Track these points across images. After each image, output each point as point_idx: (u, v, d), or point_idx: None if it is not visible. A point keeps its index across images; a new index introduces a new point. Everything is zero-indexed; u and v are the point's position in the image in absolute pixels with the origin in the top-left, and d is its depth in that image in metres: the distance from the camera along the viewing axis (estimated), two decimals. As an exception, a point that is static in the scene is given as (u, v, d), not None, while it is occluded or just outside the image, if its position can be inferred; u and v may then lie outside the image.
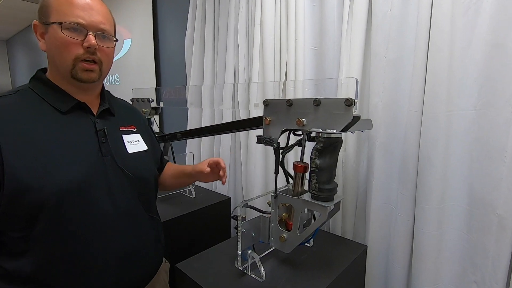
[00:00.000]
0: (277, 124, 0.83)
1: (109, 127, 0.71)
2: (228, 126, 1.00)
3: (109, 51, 0.71)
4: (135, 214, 0.74)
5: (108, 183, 0.67)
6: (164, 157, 1.40)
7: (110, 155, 0.69)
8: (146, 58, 2.34)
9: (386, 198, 1.02)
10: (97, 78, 0.69)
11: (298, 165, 0.83)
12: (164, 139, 1.35)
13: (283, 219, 0.91)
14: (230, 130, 1.02)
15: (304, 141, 0.83)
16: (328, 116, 0.72)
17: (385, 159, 1.00)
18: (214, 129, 1.09)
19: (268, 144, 0.84)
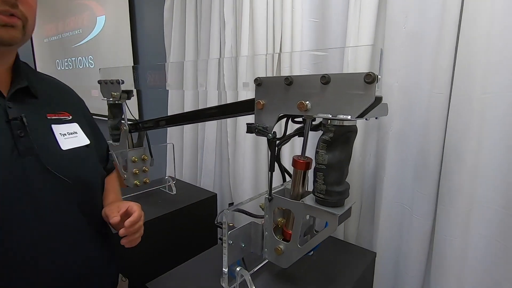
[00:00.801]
0: (273, 108, 0.65)
1: (29, 114, 0.51)
2: (210, 112, 0.82)
3: (34, 2, 0.50)
4: (76, 231, 0.55)
5: (31, 194, 0.48)
6: (138, 148, 1.21)
7: (32, 154, 0.49)
8: (122, 37, 2.09)
9: (399, 196, 0.86)
10: (20, 39, 0.49)
11: (299, 160, 0.65)
12: (137, 128, 1.15)
13: (279, 225, 0.74)
14: (212, 117, 0.84)
15: (307, 130, 0.66)
16: (340, 97, 0.55)
17: (399, 150, 0.84)
18: (192, 116, 0.90)
19: (260, 134, 0.66)
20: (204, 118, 0.89)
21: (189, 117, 0.92)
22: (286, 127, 0.71)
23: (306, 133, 0.66)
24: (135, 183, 1.18)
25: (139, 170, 1.20)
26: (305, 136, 0.66)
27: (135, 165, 1.19)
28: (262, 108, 0.67)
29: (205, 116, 0.85)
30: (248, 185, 1.23)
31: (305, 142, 0.66)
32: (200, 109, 0.89)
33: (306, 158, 0.66)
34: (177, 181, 1.39)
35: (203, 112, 0.86)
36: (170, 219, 1.14)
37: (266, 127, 0.66)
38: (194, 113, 0.90)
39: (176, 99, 1.51)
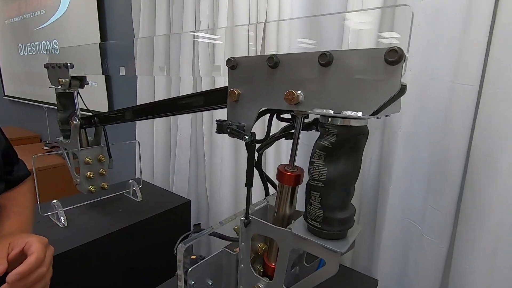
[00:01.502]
0: (252, 100, 0.47)
1: None
2: (168, 106, 0.63)
3: None
4: None
5: None
6: (93, 147, 0.99)
7: None
8: (89, 18, 1.85)
9: (407, 211, 0.71)
10: None
11: (286, 172, 0.48)
12: (91, 122, 0.95)
13: (259, 252, 0.57)
14: (170, 112, 0.65)
15: (298, 131, 0.48)
16: (347, 85, 0.38)
17: (409, 155, 0.68)
18: (145, 110, 0.70)
19: (234, 135, 0.48)
20: (160, 114, 0.69)
21: (141, 112, 0.72)
22: (269, 126, 0.53)
23: (296, 134, 0.49)
24: (89, 189, 0.98)
25: (94, 174, 0.99)
26: (295, 138, 0.49)
27: (90, 167, 0.99)
28: (237, 100, 0.49)
29: (161, 111, 0.66)
30: (226, 191, 1.05)
31: (295, 146, 0.49)
32: (155, 102, 0.69)
33: (295, 169, 0.49)
34: (146, 185, 1.20)
35: (160, 105, 0.67)
36: (128, 234, 0.95)
37: (242, 126, 0.48)
38: (147, 107, 0.71)
39: (147, 86, 1.30)
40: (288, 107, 0.42)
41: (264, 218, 0.59)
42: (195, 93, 0.60)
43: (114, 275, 0.94)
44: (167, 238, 1.09)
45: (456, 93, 0.59)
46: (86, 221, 0.95)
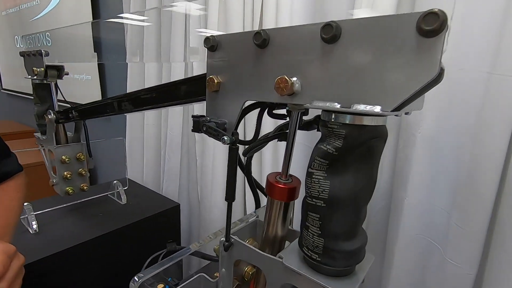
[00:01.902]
0: (234, 90, 0.37)
1: None
2: (135, 100, 0.53)
3: None
4: None
5: None
6: (71, 144, 0.89)
7: None
8: (82, 9, 1.76)
9: (425, 228, 0.60)
10: None
11: (278, 184, 0.37)
12: (68, 117, 0.85)
13: (245, 277, 0.47)
14: (139, 107, 0.54)
15: (293, 130, 0.38)
16: (360, 69, 0.27)
17: (430, 163, 0.57)
18: (112, 106, 0.60)
19: (212, 135, 0.38)
20: (127, 110, 0.59)
21: (108, 108, 0.62)
22: (258, 123, 0.42)
23: (291, 135, 0.38)
24: (66, 190, 0.89)
25: (72, 174, 0.90)
26: (289, 140, 0.38)
27: (67, 166, 0.89)
28: (217, 90, 0.38)
29: (128, 107, 0.56)
30: (218, 196, 0.95)
31: (289, 150, 0.38)
32: (125, 95, 0.59)
33: (289, 179, 0.39)
34: (133, 187, 1.10)
35: (129, 99, 0.57)
36: (107, 241, 0.86)
37: (223, 124, 0.38)
38: (114, 102, 0.60)
39: (137, 73, 1.19)
40: (279, 99, 0.32)
41: (254, 236, 0.49)
42: (163, 85, 0.49)
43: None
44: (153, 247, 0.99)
45: (494, 86, 0.48)
46: (60, 227, 0.86)
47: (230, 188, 0.37)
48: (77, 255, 0.80)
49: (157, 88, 0.51)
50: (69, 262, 0.78)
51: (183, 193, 1.11)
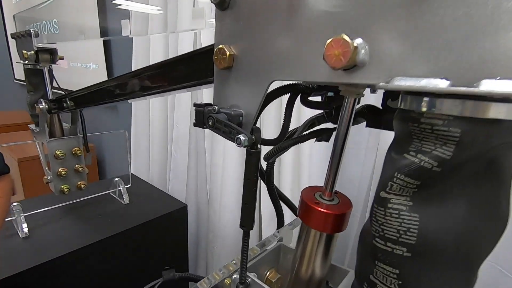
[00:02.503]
0: (255, 66, 0.24)
1: None
2: (135, 82, 0.41)
3: None
4: None
5: None
6: (66, 138, 0.79)
7: None
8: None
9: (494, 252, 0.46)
10: None
11: (319, 208, 0.25)
12: (63, 106, 0.75)
13: None
14: (146, 89, 0.43)
15: (345, 124, 0.25)
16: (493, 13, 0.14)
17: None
18: (98, 95, 0.49)
19: (222, 132, 0.26)
20: (123, 95, 0.47)
21: (103, 94, 0.51)
22: (288, 115, 0.30)
23: (341, 132, 0.25)
24: (61, 189, 0.79)
25: (68, 170, 0.80)
26: (338, 140, 0.26)
27: (62, 162, 0.80)
28: (229, 66, 0.26)
29: (123, 92, 0.45)
30: (230, 199, 0.83)
31: (338, 156, 0.26)
32: (117, 78, 0.48)
33: (334, 198, 0.26)
34: (137, 184, 1.01)
35: (121, 83, 0.45)
36: (106, 248, 0.76)
37: (238, 116, 0.26)
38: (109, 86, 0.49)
39: (141, 49, 1.07)
40: (330, 76, 0.19)
41: (275, 265, 0.37)
42: (159, 64, 0.37)
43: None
44: (156, 253, 0.90)
45: None
46: (53, 230, 0.77)
47: (247, 211, 0.25)
48: (72, 264, 0.71)
49: (151, 69, 0.39)
50: (63, 271, 0.69)
51: (191, 193, 1.01)
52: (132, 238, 0.81)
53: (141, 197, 0.95)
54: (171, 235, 0.91)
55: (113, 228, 0.79)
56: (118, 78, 0.50)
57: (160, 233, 0.88)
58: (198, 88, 0.36)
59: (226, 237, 0.90)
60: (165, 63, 0.37)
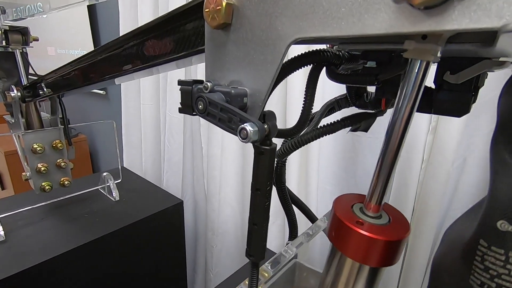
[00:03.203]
0: (268, 19, 0.16)
1: None
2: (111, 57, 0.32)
3: None
4: None
5: None
6: (46, 130, 0.71)
7: None
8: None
9: None
10: None
11: (361, 230, 0.17)
12: (39, 94, 0.66)
13: None
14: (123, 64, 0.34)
15: (410, 99, 0.16)
16: None
17: None
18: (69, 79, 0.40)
19: (219, 121, 0.17)
20: (93, 80, 0.39)
21: (78, 75, 0.42)
22: (310, 94, 0.21)
23: (403, 117, 0.17)
24: (42, 186, 0.71)
25: (49, 166, 0.72)
26: (395, 128, 0.17)
27: (41, 157, 0.71)
28: (226, 22, 0.17)
29: (92, 75, 0.36)
30: (229, 194, 0.76)
31: (394, 152, 0.17)
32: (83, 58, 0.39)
33: (384, 216, 0.18)
34: (129, 179, 0.93)
35: (91, 63, 0.37)
36: (93, 251, 0.69)
37: (240, 95, 0.17)
38: (83, 65, 0.40)
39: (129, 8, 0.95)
40: (398, 23, 0.11)
41: (290, 286, 0.29)
42: (127, 35, 0.28)
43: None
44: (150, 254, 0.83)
45: None
46: (33, 233, 0.69)
47: (256, 236, 0.17)
48: (55, 271, 0.64)
49: (127, 39, 0.30)
50: (45, 280, 0.62)
51: (187, 186, 0.93)
52: (123, 239, 0.74)
53: (133, 193, 0.87)
54: (166, 234, 0.84)
55: (101, 229, 0.71)
56: (92, 54, 0.41)
57: (155, 232, 0.80)
58: (190, 62, 0.28)
59: (226, 234, 0.83)
60: (141, 30, 0.28)
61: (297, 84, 0.59)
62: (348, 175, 0.60)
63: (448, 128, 0.46)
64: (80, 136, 1.73)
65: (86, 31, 1.55)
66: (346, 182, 0.61)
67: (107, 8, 1.43)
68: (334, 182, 0.63)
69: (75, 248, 0.66)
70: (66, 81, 0.55)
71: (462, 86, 0.22)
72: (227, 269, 0.85)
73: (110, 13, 1.35)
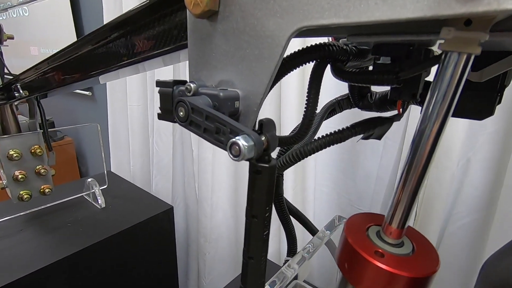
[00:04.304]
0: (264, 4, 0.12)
1: None
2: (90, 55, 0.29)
3: None
4: None
5: None
6: (24, 134, 0.66)
7: None
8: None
9: None
10: None
11: (378, 263, 0.14)
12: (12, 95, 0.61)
13: None
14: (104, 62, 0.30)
15: (446, 99, 0.13)
16: None
17: None
18: None
19: (204, 132, 0.14)
20: (71, 80, 0.35)
21: (56, 74, 0.38)
22: (313, 94, 0.18)
23: (435, 123, 0.14)
24: (20, 195, 0.66)
25: (27, 173, 0.67)
26: (424, 135, 0.14)
27: (18, 164, 0.66)
28: (214, 8, 0.14)
29: (70, 74, 0.32)
30: (221, 198, 0.72)
31: (424, 164, 0.14)
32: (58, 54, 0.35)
33: (405, 243, 0.15)
34: (116, 184, 0.88)
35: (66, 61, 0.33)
36: (77, 264, 0.65)
37: (231, 98, 0.14)
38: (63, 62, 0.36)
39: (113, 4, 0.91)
40: (427, 5, 0.08)
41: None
42: (104, 28, 0.25)
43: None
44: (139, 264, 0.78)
45: None
46: (11, 246, 0.64)
47: (253, 270, 0.14)
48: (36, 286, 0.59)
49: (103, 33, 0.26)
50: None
51: (178, 191, 0.89)
52: (109, 249, 0.70)
53: (120, 199, 0.83)
54: (156, 242, 0.80)
55: (85, 239, 0.67)
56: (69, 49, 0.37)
57: (143, 241, 0.76)
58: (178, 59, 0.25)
59: (219, 240, 0.79)
60: (118, 22, 0.24)
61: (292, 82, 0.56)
62: (347, 177, 0.58)
63: (452, 128, 0.44)
64: (66, 139, 1.66)
65: (70, 29, 1.49)
66: (344, 185, 0.59)
67: (91, 5, 1.37)
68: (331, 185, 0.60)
69: (57, 261, 0.61)
70: (44, 81, 0.51)
71: (485, 85, 0.19)
72: (221, 276, 0.82)
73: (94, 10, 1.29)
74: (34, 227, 0.70)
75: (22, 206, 0.69)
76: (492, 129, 0.44)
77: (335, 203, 0.60)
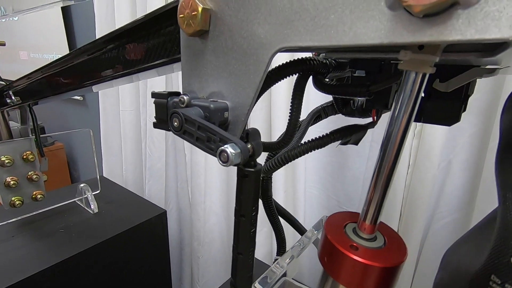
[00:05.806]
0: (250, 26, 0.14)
1: None
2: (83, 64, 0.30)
3: None
4: None
5: None
6: (15, 140, 0.66)
7: None
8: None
9: None
10: None
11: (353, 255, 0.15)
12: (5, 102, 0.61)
13: None
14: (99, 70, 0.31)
15: (406, 111, 0.15)
16: None
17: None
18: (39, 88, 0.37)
19: (196, 140, 0.15)
20: (66, 87, 0.36)
21: (51, 82, 0.39)
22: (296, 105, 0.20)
23: (399, 129, 0.16)
24: (11, 201, 0.66)
25: (19, 179, 0.67)
26: (391, 141, 0.16)
27: (10, 170, 0.66)
28: (203, 29, 0.15)
29: (64, 82, 0.34)
30: (214, 201, 0.73)
31: (390, 164, 0.16)
32: (55, 63, 0.36)
33: (378, 237, 0.17)
34: (108, 189, 0.88)
35: (61, 70, 0.34)
36: (69, 270, 0.65)
37: (221, 110, 0.16)
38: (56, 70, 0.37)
39: (106, 6, 0.92)
40: (395, 32, 0.10)
41: (278, 306, 0.28)
42: (98, 41, 0.26)
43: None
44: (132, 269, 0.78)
45: None
46: (3, 252, 0.64)
47: (242, 266, 0.15)
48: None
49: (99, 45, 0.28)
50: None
51: (171, 195, 0.89)
52: (102, 254, 0.70)
53: (112, 204, 0.83)
54: (149, 246, 0.80)
55: (78, 244, 0.67)
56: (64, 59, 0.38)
57: (137, 246, 0.77)
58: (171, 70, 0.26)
59: (213, 243, 0.80)
60: (114, 35, 0.25)
61: (282, 89, 0.58)
62: (335, 179, 0.60)
63: (433, 132, 0.46)
64: (56, 144, 1.64)
65: (61, 35, 1.49)
66: (332, 187, 0.61)
67: (82, 11, 1.37)
68: (321, 187, 0.62)
69: (50, 267, 0.62)
70: (37, 89, 0.52)
71: (452, 95, 0.21)
72: (214, 279, 0.83)
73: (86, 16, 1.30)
74: (26, 233, 0.70)
75: (14, 212, 0.68)
76: (471, 131, 0.46)
77: (324, 204, 0.62)
